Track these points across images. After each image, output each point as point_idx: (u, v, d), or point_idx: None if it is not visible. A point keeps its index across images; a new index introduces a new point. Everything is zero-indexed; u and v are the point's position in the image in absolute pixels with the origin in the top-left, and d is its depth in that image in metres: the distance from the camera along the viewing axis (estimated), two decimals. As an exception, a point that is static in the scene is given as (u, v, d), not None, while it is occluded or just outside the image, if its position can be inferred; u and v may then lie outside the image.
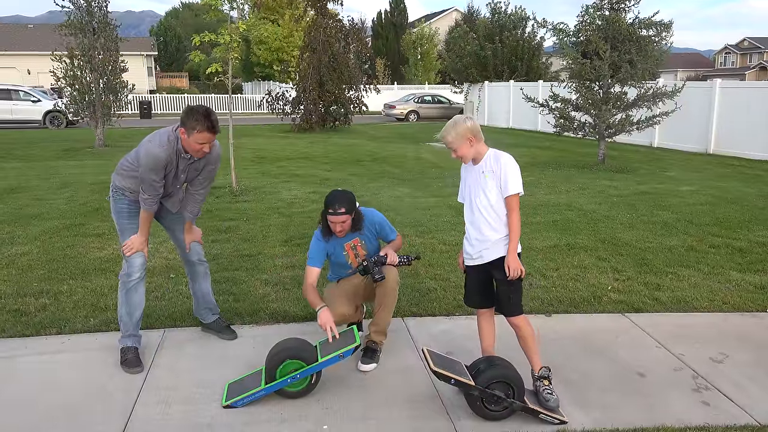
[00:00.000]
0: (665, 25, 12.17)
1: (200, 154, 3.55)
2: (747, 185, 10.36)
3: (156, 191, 3.58)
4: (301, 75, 22.10)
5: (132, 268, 3.73)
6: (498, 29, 27.04)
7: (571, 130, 13.08)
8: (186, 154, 3.57)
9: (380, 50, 46.92)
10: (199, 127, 3.40)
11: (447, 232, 6.85)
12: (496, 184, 3.23)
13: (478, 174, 3.30)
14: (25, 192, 9.34)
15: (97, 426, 3.09)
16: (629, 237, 6.74)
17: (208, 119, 3.41)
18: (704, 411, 3.28)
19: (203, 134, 3.43)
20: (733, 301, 4.86)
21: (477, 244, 3.31)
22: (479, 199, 3.28)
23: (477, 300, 3.48)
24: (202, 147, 3.49)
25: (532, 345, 3.33)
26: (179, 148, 3.55)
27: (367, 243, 3.87)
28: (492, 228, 3.25)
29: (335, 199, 3.63)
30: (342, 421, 3.17)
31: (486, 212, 3.26)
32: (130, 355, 3.71)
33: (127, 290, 3.74)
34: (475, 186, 3.31)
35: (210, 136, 3.46)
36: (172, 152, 3.53)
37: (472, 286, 3.48)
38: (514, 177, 3.20)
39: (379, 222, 3.88)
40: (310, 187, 9.89)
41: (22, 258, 5.83)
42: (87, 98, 15.50)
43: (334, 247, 3.83)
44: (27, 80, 37.56)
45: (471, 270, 3.44)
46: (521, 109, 21.27)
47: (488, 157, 3.28)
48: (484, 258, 3.31)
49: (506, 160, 3.24)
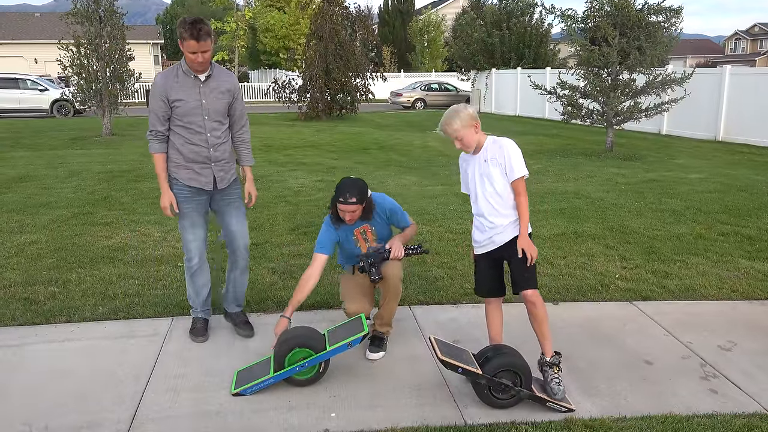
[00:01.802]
0: (675, 11, 12.03)
1: (197, 65, 3.49)
2: (756, 173, 10.28)
3: (157, 120, 3.59)
4: (307, 63, 22.03)
5: (190, 254, 3.86)
6: (505, 16, 26.80)
7: (579, 118, 13.00)
8: (192, 73, 3.55)
9: (387, 38, 46.64)
10: (185, 34, 3.37)
11: (454, 221, 6.84)
12: (501, 171, 3.21)
13: (479, 163, 3.27)
14: (33, 181, 9.38)
15: (107, 413, 3.11)
16: (637, 225, 6.71)
17: (193, 27, 3.37)
18: (712, 399, 3.27)
19: (188, 42, 3.39)
20: (741, 289, 4.84)
21: (487, 231, 3.29)
22: (485, 188, 3.26)
23: (488, 288, 3.45)
24: (195, 57, 3.44)
25: (545, 328, 3.27)
26: (185, 69, 3.55)
27: (377, 229, 3.79)
28: (501, 215, 3.24)
29: (346, 188, 3.57)
30: (349, 408, 3.18)
31: (493, 200, 3.24)
32: (198, 325, 3.94)
33: (191, 274, 3.92)
34: (479, 175, 3.28)
35: (194, 44, 3.39)
36: (171, 75, 3.55)
37: (482, 275, 3.45)
38: (518, 160, 3.18)
39: (390, 208, 3.79)
40: (317, 176, 9.89)
41: (31, 247, 5.86)
42: (94, 87, 15.49)
43: (345, 234, 3.79)
44: (34, 69, 37.66)
45: (481, 258, 3.42)
46: (529, 96, 21.14)
47: (488, 144, 3.26)
48: (496, 243, 3.29)
49: (507, 143, 3.22)
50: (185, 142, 3.65)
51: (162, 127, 3.63)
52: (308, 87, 21.78)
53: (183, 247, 3.89)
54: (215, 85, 3.64)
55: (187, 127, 3.62)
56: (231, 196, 3.90)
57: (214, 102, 3.64)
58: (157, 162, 3.70)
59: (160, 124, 3.62)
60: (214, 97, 3.63)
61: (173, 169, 3.72)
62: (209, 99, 3.62)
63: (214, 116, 3.66)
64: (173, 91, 3.55)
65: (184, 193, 3.74)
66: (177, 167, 3.71)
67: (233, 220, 3.91)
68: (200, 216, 3.84)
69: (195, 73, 3.56)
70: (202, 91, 3.60)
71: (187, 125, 3.62)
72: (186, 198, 3.75)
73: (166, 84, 3.55)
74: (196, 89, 3.58)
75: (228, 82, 3.71)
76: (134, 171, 10.34)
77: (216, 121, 3.68)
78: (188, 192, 3.74)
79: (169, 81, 3.56)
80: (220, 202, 3.89)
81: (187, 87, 3.57)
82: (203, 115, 3.62)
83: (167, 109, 3.58)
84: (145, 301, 4.52)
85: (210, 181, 3.75)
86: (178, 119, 3.61)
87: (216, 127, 3.69)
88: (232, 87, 3.73)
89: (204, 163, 3.70)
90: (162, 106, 3.57)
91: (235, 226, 3.92)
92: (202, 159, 3.69)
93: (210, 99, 3.62)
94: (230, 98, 3.73)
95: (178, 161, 3.70)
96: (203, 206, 3.85)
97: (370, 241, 3.80)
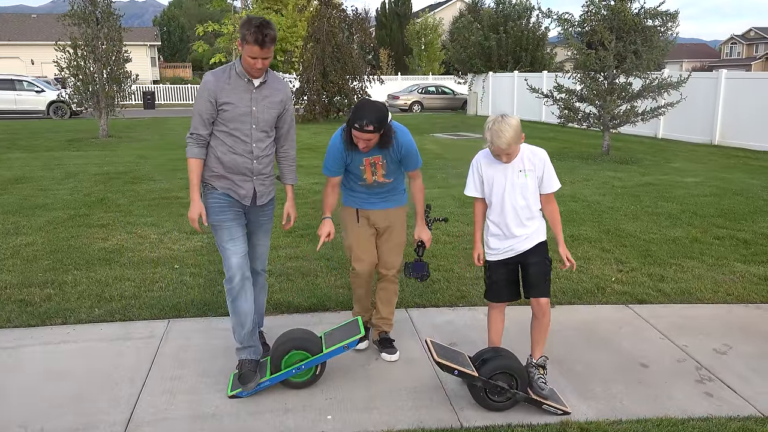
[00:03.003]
0: (671, 15, 12.10)
1: (254, 71, 3.19)
2: (752, 176, 10.32)
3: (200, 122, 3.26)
4: (304, 65, 22.05)
5: (230, 271, 3.34)
6: (502, 19, 26.90)
7: (576, 121, 13.04)
8: (247, 76, 3.25)
9: (384, 40, 46.72)
10: (249, 38, 3.07)
11: (450, 224, 6.85)
12: (535, 183, 3.16)
13: (512, 173, 3.15)
14: (29, 182, 9.36)
15: (103, 415, 3.10)
16: (633, 228, 6.73)
17: (258, 31, 3.06)
18: (708, 402, 3.28)
19: (251, 47, 3.09)
20: (737, 293, 4.85)
21: (508, 240, 3.23)
22: (515, 199, 3.16)
23: (505, 294, 3.35)
24: (254, 63, 3.14)
25: (545, 334, 3.30)
26: (239, 70, 3.24)
27: (388, 163, 3.52)
28: (524, 226, 3.21)
29: (364, 112, 3.23)
30: (346, 411, 3.18)
31: (522, 212, 3.18)
32: (245, 369, 3.34)
33: (233, 299, 3.37)
34: (510, 185, 3.16)
35: (257, 50, 3.09)
36: (223, 75, 3.25)
37: (499, 281, 3.33)
38: (554, 173, 3.17)
39: (406, 145, 3.48)
40: (313, 178, 9.89)
41: (27, 248, 5.85)
42: (90, 88, 15.47)
43: (353, 158, 3.50)
44: (30, 70, 37.62)
45: (497, 265, 3.32)
46: (525, 99, 21.21)
47: (525, 154, 3.15)
48: (516, 250, 3.25)
49: (546, 155, 3.17)
50: (228, 151, 3.30)
51: (205, 131, 3.29)
52: (305, 89, 21.81)
53: (223, 264, 3.38)
54: (268, 93, 3.34)
55: (232, 134, 3.29)
56: (265, 216, 3.56)
57: (265, 111, 3.33)
58: (192, 168, 3.31)
59: (204, 127, 3.28)
60: (265, 105, 3.33)
61: (209, 178, 3.37)
62: (260, 107, 3.31)
63: (262, 125, 3.34)
64: (223, 93, 3.23)
65: (220, 203, 3.36)
66: (215, 177, 3.36)
67: (261, 240, 3.60)
68: (239, 227, 3.40)
69: (250, 77, 3.26)
70: (254, 98, 3.29)
71: (232, 132, 3.29)
72: (223, 208, 3.36)
73: (217, 85, 3.23)
74: (248, 94, 3.28)
75: (282, 92, 3.41)
76: (131, 173, 10.33)
77: (263, 132, 3.36)
78: (225, 202, 3.36)
79: (221, 82, 3.24)
80: (254, 219, 3.53)
81: (239, 91, 3.26)
82: (251, 123, 3.31)
83: (214, 111, 3.26)
84: (141, 303, 4.51)
85: (249, 196, 3.40)
86: (223, 124, 3.28)
87: (262, 138, 3.36)
88: (285, 98, 3.42)
89: (245, 175, 3.36)
90: (209, 108, 3.25)
91: (262, 248, 3.62)
92: (244, 171, 3.34)
93: (261, 107, 3.32)
94: (281, 109, 3.41)
95: (217, 170, 3.34)
96: (242, 217, 3.44)
97: (378, 176, 3.55)
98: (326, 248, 5.88)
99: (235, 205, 3.38)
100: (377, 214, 3.66)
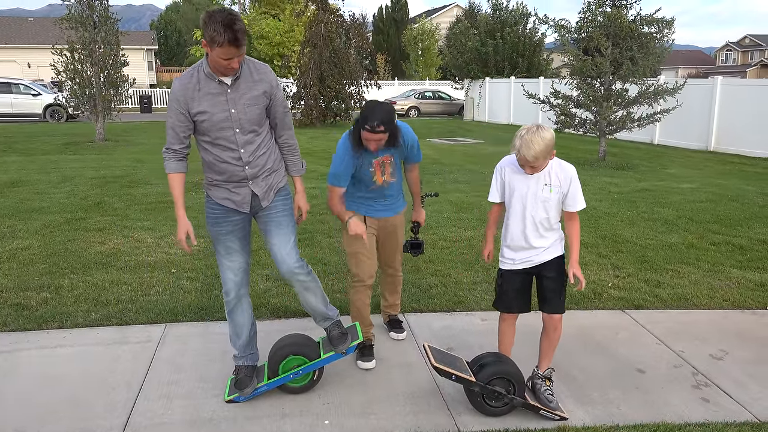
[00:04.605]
0: (667, 22, 12.17)
1: (230, 71, 2.89)
2: (747, 182, 10.36)
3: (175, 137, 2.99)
4: (301, 70, 22.10)
5: (225, 286, 3.26)
6: (499, 25, 27.00)
7: (572, 127, 13.09)
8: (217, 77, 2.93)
9: (381, 46, 46.87)
10: (220, 39, 2.72)
11: (448, 228, 6.86)
12: (559, 198, 3.09)
13: (537, 185, 3.07)
14: (25, 186, 9.34)
15: (99, 420, 3.09)
16: (630, 234, 6.75)
17: (229, 30, 2.72)
18: (704, 408, 3.29)
19: (227, 49, 2.76)
20: (733, 299, 4.87)
21: (526, 251, 3.18)
22: (537, 212, 3.09)
23: (518, 305, 3.28)
24: (229, 63, 2.82)
25: (554, 347, 3.31)
26: (207, 71, 2.93)
27: (395, 161, 3.60)
28: (543, 238, 3.16)
29: (374, 114, 3.24)
30: (343, 416, 3.18)
31: (542, 226, 3.13)
32: (241, 375, 3.31)
33: (229, 311, 3.32)
34: (533, 198, 3.09)
35: (234, 50, 2.77)
36: (191, 82, 2.94)
37: (511, 291, 3.26)
38: (580, 191, 3.08)
39: (412, 141, 3.57)
40: (310, 183, 9.88)
41: (23, 252, 5.84)
42: (87, 92, 15.47)
43: (363, 162, 3.49)
44: (27, 74, 37.59)
45: (512, 275, 3.25)
46: (522, 105, 21.27)
47: (554, 168, 3.06)
48: (533, 262, 3.19)
49: (574, 173, 3.08)
50: (216, 160, 3.06)
51: (179, 146, 3.02)
52: (302, 94, 21.84)
53: (220, 277, 3.30)
54: (245, 89, 2.99)
55: (216, 144, 3.02)
56: (272, 210, 3.22)
57: (246, 110, 3.00)
58: (172, 183, 3.06)
59: (179, 142, 3.01)
60: (244, 104, 2.98)
61: (206, 186, 3.20)
62: (239, 107, 2.98)
63: (247, 127, 3.02)
64: (195, 102, 2.93)
65: (215, 213, 3.17)
66: (210, 185, 3.17)
67: (274, 239, 3.22)
68: (236, 240, 3.20)
69: (220, 76, 2.94)
70: (230, 99, 2.96)
71: (215, 141, 3.01)
72: (218, 219, 3.17)
73: (186, 93, 2.93)
74: (222, 97, 2.95)
75: (262, 82, 3.03)
76: (127, 177, 10.32)
77: (250, 133, 3.04)
78: (221, 211, 3.16)
79: (189, 90, 2.93)
80: (264, 219, 3.24)
81: (212, 95, 2.94)
82: (234, 128, 2.99)
83: (188, 122, 2.97)
84: (138, 308, 4.50)
85: (246, 201, 3.15)
86: (205, 134, 3.01)
87: (250, 139, 3.05)
88: (267, 88, 3.05)
89: (239, 182, 3.11)
90: (183, 120, 2.96)
91: (277, 247, 3.21)
92: (237, 179, 3.10)
93: (240, 107, 2.98)
94: (266, 101, 3.06)
95: (211, 179, 3.14)
96: (241, 228, 3.21)
97: (387, 175, 3.58)
98: (324, 253, 5.89)
99: (233, 215, 3.17)
100: (382, 222, 3.79)
